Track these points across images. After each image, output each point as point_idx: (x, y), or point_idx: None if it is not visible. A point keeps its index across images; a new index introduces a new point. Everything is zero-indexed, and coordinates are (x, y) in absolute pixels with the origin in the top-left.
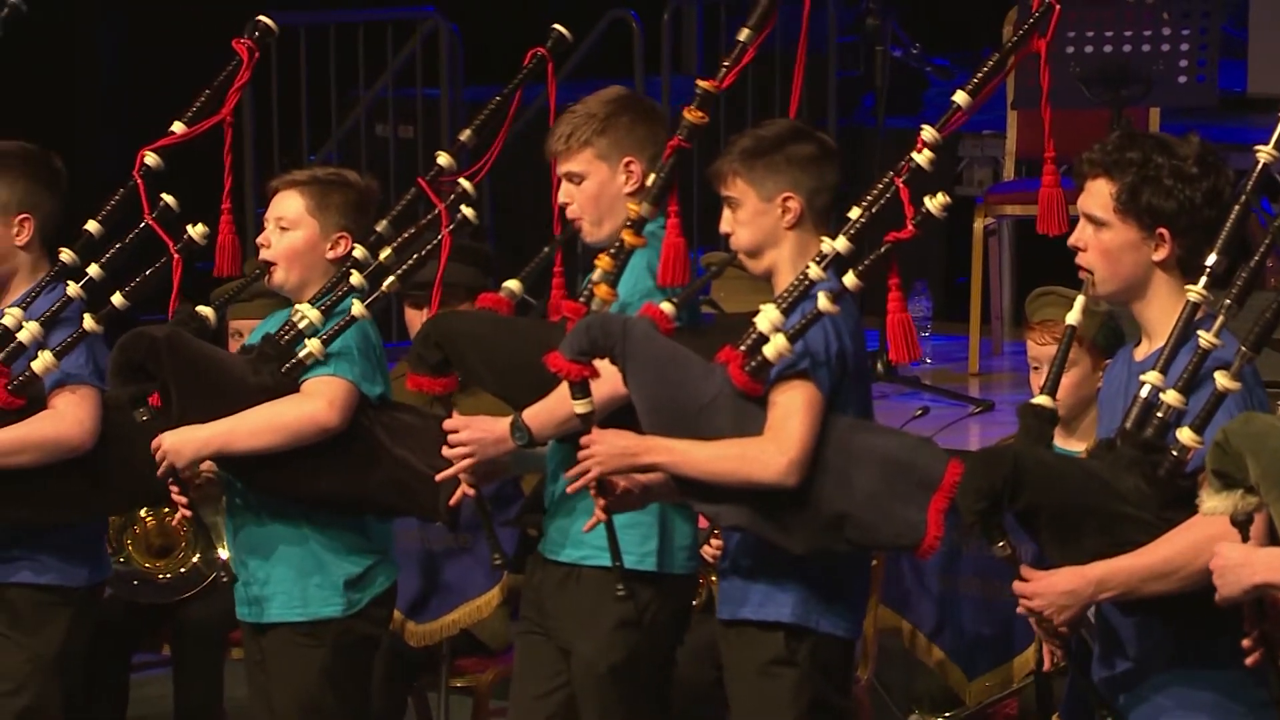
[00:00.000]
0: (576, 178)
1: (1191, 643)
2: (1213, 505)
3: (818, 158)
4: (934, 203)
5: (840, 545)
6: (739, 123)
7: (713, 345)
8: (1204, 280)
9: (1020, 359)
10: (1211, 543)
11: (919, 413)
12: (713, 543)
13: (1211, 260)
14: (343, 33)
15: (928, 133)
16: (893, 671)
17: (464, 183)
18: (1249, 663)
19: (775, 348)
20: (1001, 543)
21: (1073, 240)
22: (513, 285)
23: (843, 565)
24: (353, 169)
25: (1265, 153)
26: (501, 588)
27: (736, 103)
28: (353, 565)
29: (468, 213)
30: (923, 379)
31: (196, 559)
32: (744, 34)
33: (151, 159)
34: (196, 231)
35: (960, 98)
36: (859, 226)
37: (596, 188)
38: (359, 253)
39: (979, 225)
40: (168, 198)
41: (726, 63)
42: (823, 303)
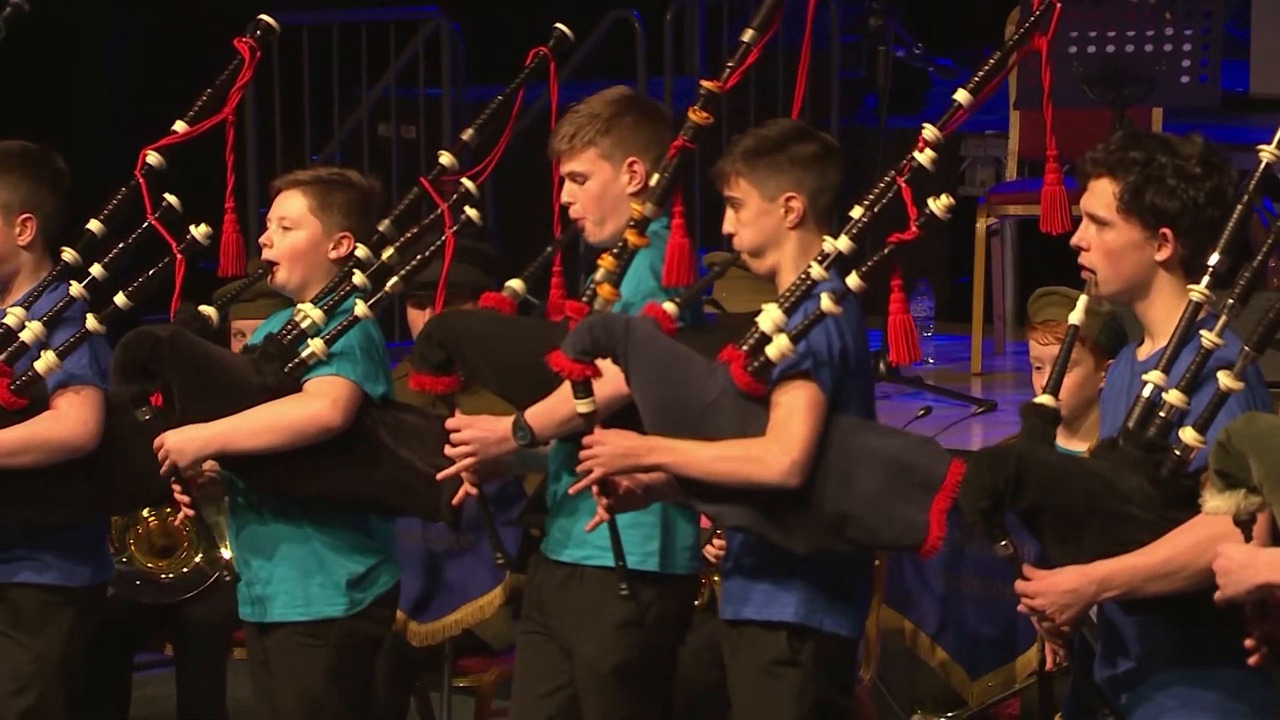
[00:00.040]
0: (580, 177)
1: (1194, 642)
2: (1216, 505)
3: (820, 157)
4: (938, 204)
5: (842, 546)
6: (742, 123)
7: (715, 345)
8: (1206, 280)
9: (1023, 359)
10: (1214, 542)
11: (921, 413)
12: (715, 543)
13: (1214, 260)
14: (345, 32)
15: (929, 131)
16: (895, 672)
17: (466, 182)
18: (1252, 663)
19: (778, 348)
20: (1004, 542)
21: (1075, 240)
22: (515, 285)
23: (846, 565)
24: (355, 169)
25: (1268, 152)
26: (504, 587)
27: (739, 103)
28: (355, 565)
29: (471, 214)
30: (925, 379)
31: (199, 559)
32: (748, 35)
33: (154, 158)
34: (200, 232)
35: (961, 96)
36: (861, 226)
37: (600, 187)
38: (361, 252)
39: (981, 225)
40: (170, 198)
41: (730, 63)
42: (826, 304)
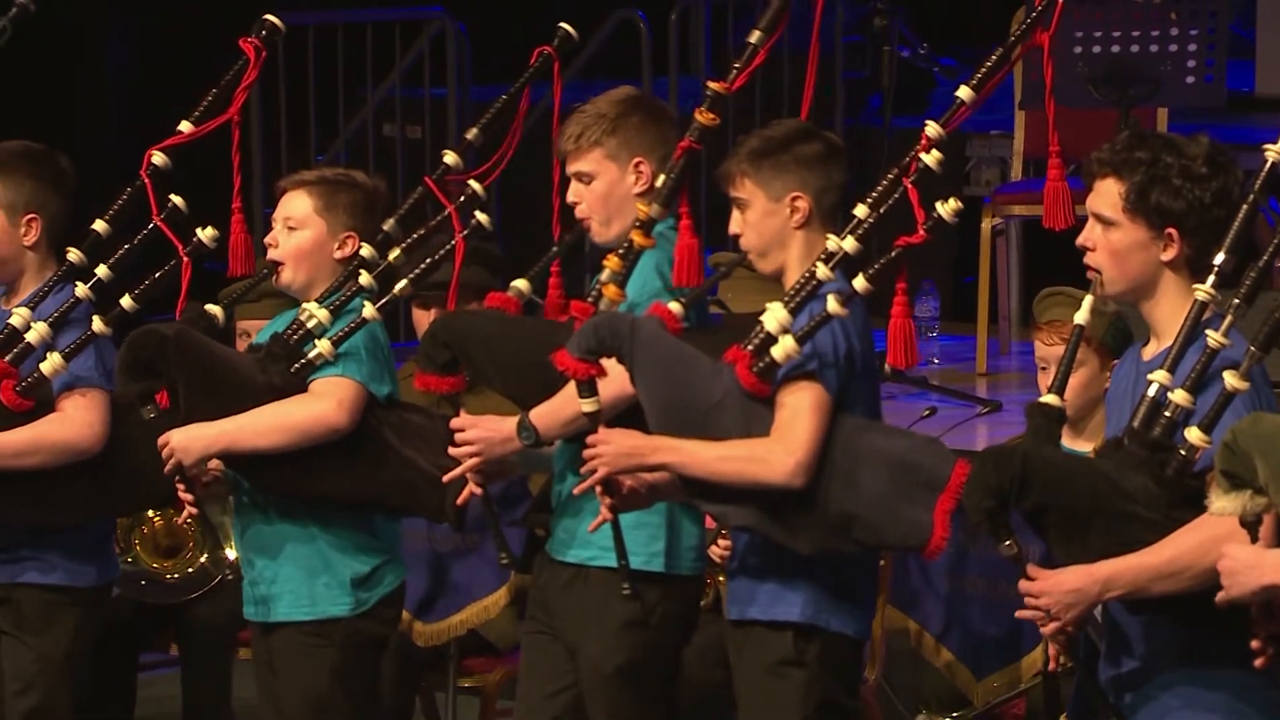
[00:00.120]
0: (586, 178)
1: (1199, 643)
2: (1221, 506)
3: (825, 157)
4: (946, 208)
5: (847, 546)
6: (747, 124)
7: (721, 345)
8: (1212, 279)
9: (1028, 359)
10: (1219, 542)
11: (926, 413)
12: (720, 543)
13: (1220, 260)
14: (350, 32)
15: (932, 128)
16: (900, 672)
17: (474, 185)
18: (1258, 665)
19: (783, 349)
20: (1008, 541)
21: (1081, 240)
22: (521, 285)
23: (851, 565)
24: (360, 169)
25: (1274, 152)
26: (509, 588)
27: (744, 104)
28: (360, 564)
29: (482, 218)
30: (930, 379)
31: (204, 559)
32: (755, 36)
33: (159, 158)
34: (206, 235)
35: (964, 93)
36: (867, 226)
37: (606, 188)
38: (366, 252)
39: (987, 225)
40: (176, 199)
41: (737, 64)
42: (832, 305)
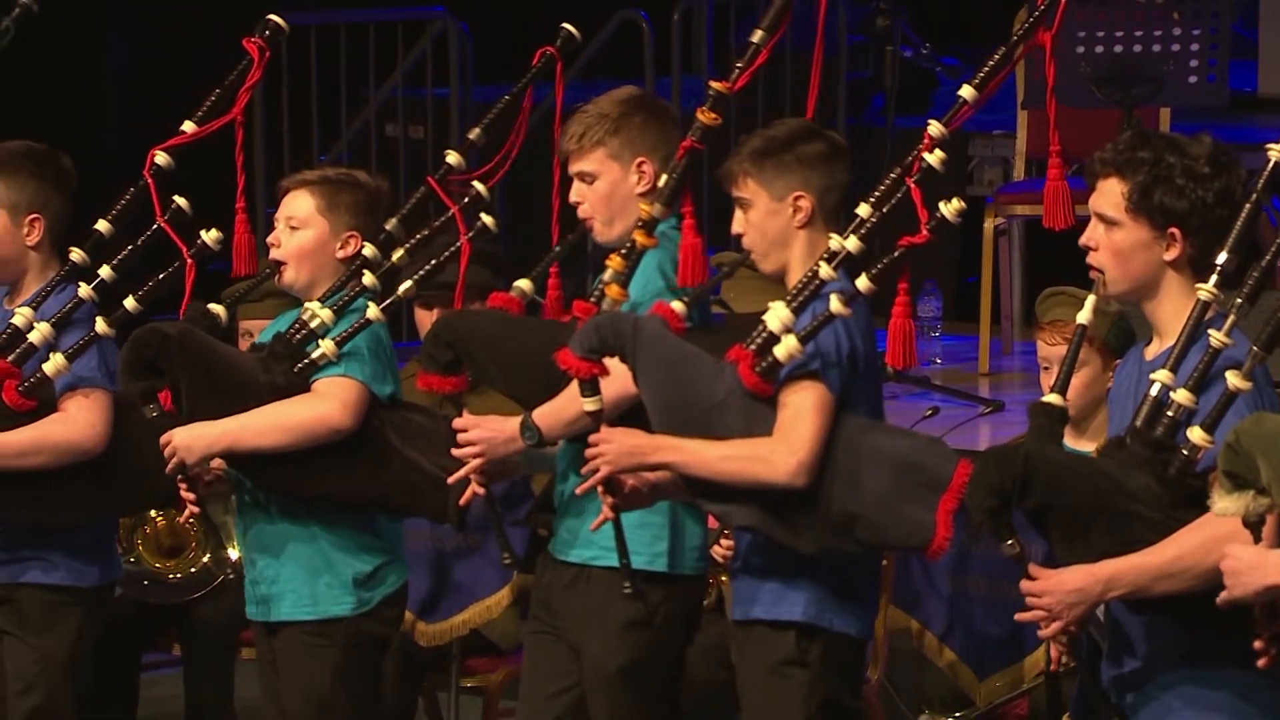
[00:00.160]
0: (588, 177)
1: (1201, 643)
2: (1224, 506)
3: (828, 156)
4: (949, 208)
5: (850, 546)
6: (749, 123)
7: (723, 345)
8: (1215, 279)
9: (1030, 359)
10: (1221, 542)
11: (929, 413)
12: (723, 543)
13: (1222, 259)
14: (353, 33)
15: (934, 128)
16: (903, 672)
17: (478, 185)
18: (1261, 665)
19: (786, 349)
20: (1010, 541)
21: (1084, 240)
22: (523, 285)
23: (854, 565)
24: (363, 169)
25: (1276, 151)
26: (511, 588)
27: (747, 103)
28: (362, 564)
29: (488, 221)
30: (933, 379)
31: (207, 559)
32: (757, 35)
33: (162, 158)
34: (210, 237)
35: (967, 92)
36: (870, 226)
37: (608, 188)
38: (369, 251)
39: (989, 225)
40: (180, 200)
41: (739, 64)
42: (835, 305)
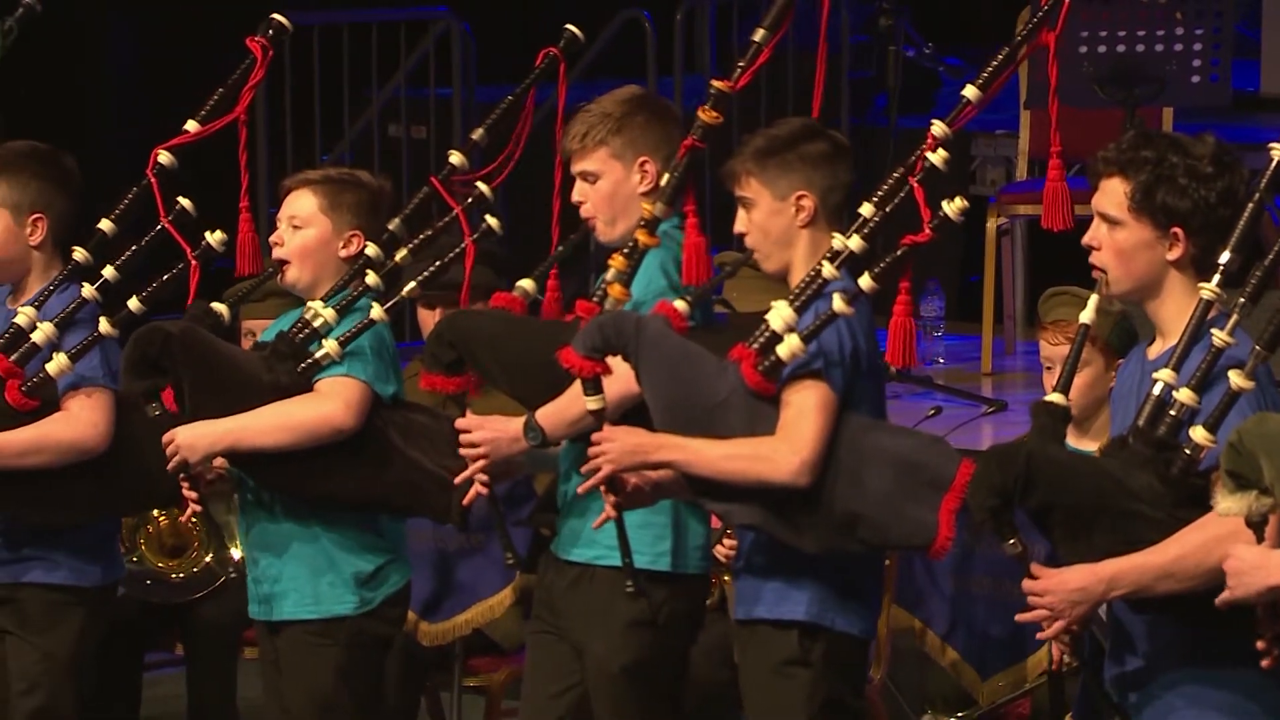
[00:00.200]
0: (591, 177)
1: (1203, 642)
2: (1227, 506)
3: (830, 155)
4: (952, 207)
5: (853, 545)
6: (752, 123)
7: (726, 344)
8: (1217, 278)
9: (1033, 359)
10: (1224, 542)
11: (932, 412)
12: (725, 542)
13: (1225, 259)
14: (356, 32)
15: (937, 127)
16: (906, 671)
17: (482, 186)
18: (1265, 666)
19: (789, 348)
20: (1012, 540)
21: (1087, 239)
22: (526, 284)
23: (857, 564)
24: (366, 169)
25: (1279, 151)
26: (514, 588)
27: (749, 102)
28: (365, 563)
29: (492, 223)
30: (935, 379)
31: (209, 559)
32: (759, 34)
33: (165, 158)
34: (215, 239)
35: (970, 92)
36: (873, 225)
37: (611, 187)
38: (372, 251)
39: (992, 225)
40: (184, 201)
41: (741, 63)
42: (838, 304)
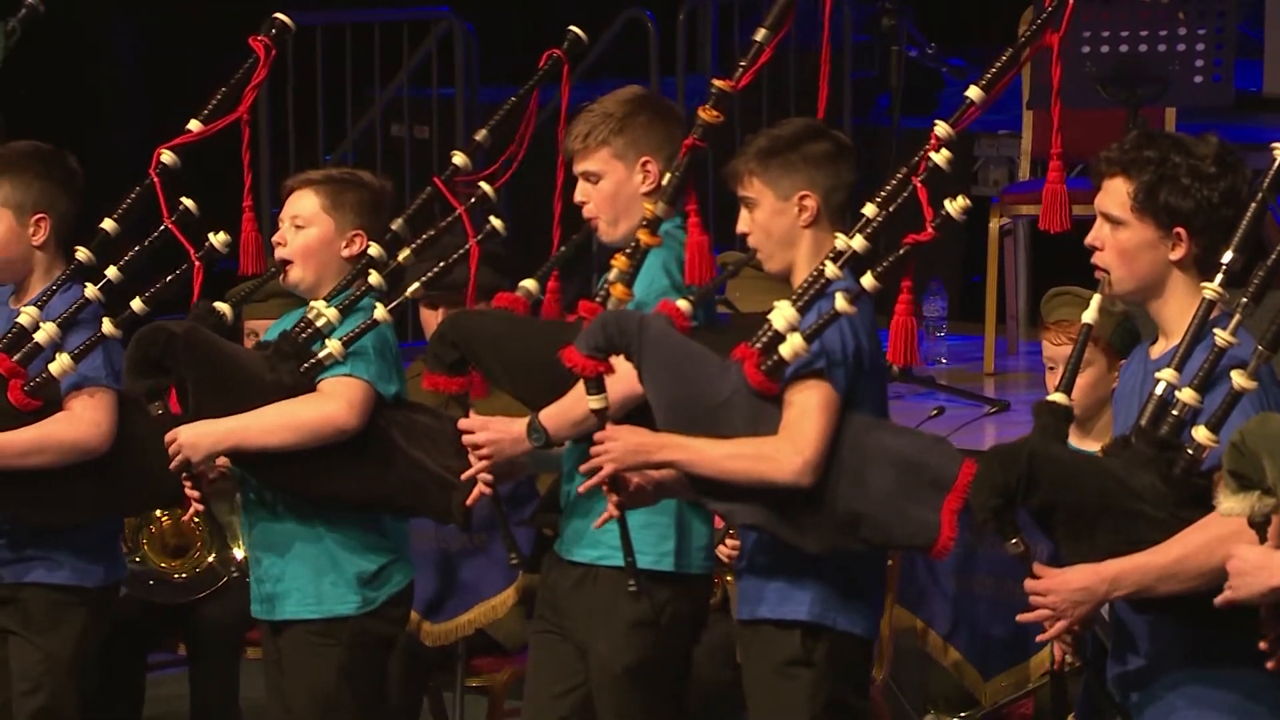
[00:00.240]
0: (593, 177)
1: (1206, 642)
2: (1230, 506)
3: (833, 155)
4: (954, 206)
5: (855, 545)
6: (754, 122)
7: (728, 344)
8: (1220, 278)
9: (1036, 359)
10: (1226, 542)
11: (934, 412)
12: (728, 543)
13: (1228, 258)
14: (358, 32)
15: (941, 128)
16: (908, 671)
17: (485, 186)
18: (1270, 667)
19: (792, 347)
20: (1014, 539)
21: (1090, 239)
22: (529, 285)
23: (859, 564)
24: (368, 169)
25: None
26: (517, 588)
27: (751, 102)
28: (367, 563)
29: (497, 224)
30: (938, 379)
31: (212, 559)
32: (760, 34)
33: (168, 157)
34: (219, 240)
35: (974, 92)
36: (876, 225)
37: (613, 187)
38: (375, 251)
39: (994, 225)
40: (188, 201)
41: (743, 62)
42: (840, 304)
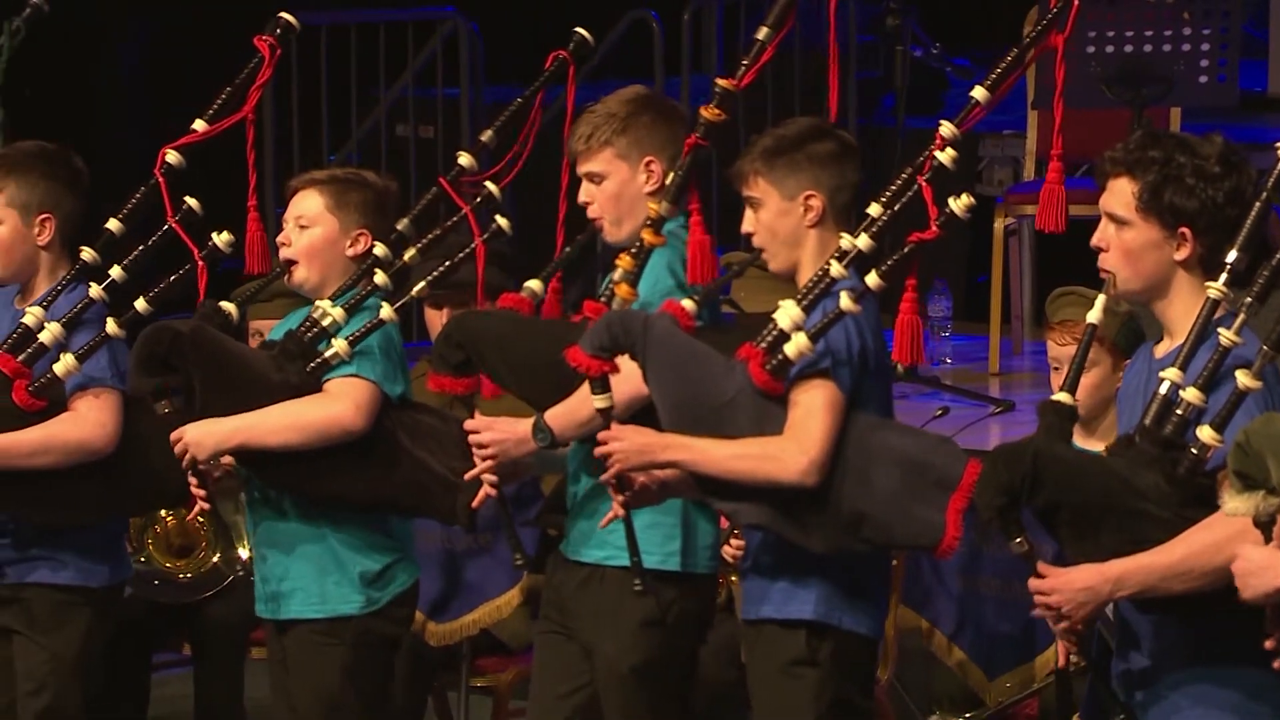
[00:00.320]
0: (597, 177)
1: (1209, 641)
2: (1234, 506)
3: (838, 155)
4: (958, 204)
5: (859, 545)
6: (759, 122)
7: (733, 344)
8: (1224, 278)
9: (1041, 359)
10: (1231, 541)
11: (939, 413)
12: (733, 543)
13: (1232, 258)
14: (363, 32)
15: (946, 128)
16: (913, 672)
17: (490, 186)
18: (1276, 666)
19: (796, 347)
20: (1019, 539)
21: (1095, 241)
22: (534, 285)
23: (864, 564)
24: (373, 169)
25: None
26: (521, 588)
27: (756, 102)
28: (371, 562)
29: (502, 223)
30: (943, 379)
31: (217, 558)
32: (762, 32)
33: (173, 157)
34: (222, 240)
35: (979, 93)
36: (881, 224)
37: (617, 187)
38: (380, 250)
39: (999, 225)
40: (191, 201)
41: (745, 61)
42: (845, 303)
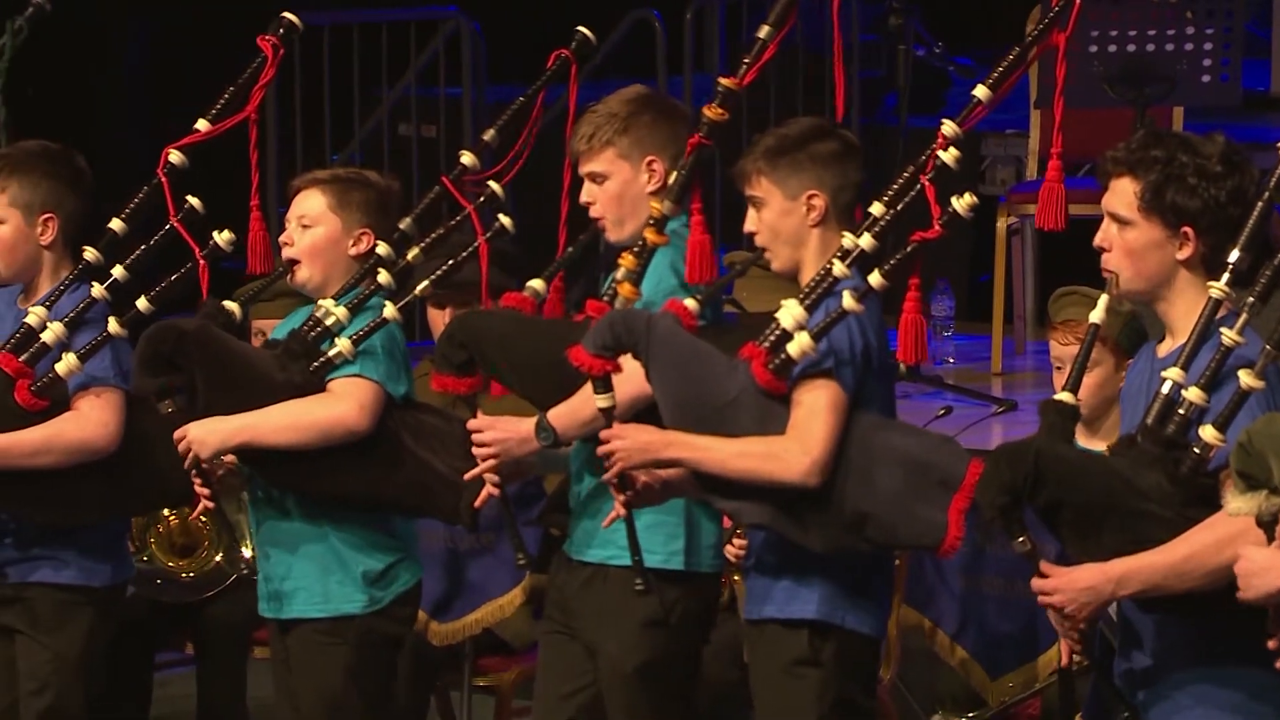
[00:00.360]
0: (599, 177)
1: (1211, 641)
2: (1237, 506)
3: (841, 155)
4: (961, 203)
5: (861, 544)
6: (761, 122)
7: (736, 343)
8: (1227, 277)
9: (1043, 359)
10: (1233, 541)
11: (942, 412)
12: (736, 542)
13: (1235, 257)
14: (366, 32)
15: (948, 127)
16: (916, 671)
17: (494, 185)
18: (1279, 665)
19: (799, 346)
20: (1021, 538)
21: (1098, 241)
22: (536, 285)
23: (866, 563)
24: (375, 168)
25: None
26: (524, 587)
27: (759, 101)
28: (374, 562)
29: (505, 222)
30: (945, 378)
31: (220, 558)
32: (764, 31)
33: (176, 157)
34: (223, 239)
35: (980, 92)
36: (883, 224)
37: (619, 187)
38: (383, 249)
39: (1002, 225)
40: (193, 200)
41: (747, 60)
42: (848, 302)
